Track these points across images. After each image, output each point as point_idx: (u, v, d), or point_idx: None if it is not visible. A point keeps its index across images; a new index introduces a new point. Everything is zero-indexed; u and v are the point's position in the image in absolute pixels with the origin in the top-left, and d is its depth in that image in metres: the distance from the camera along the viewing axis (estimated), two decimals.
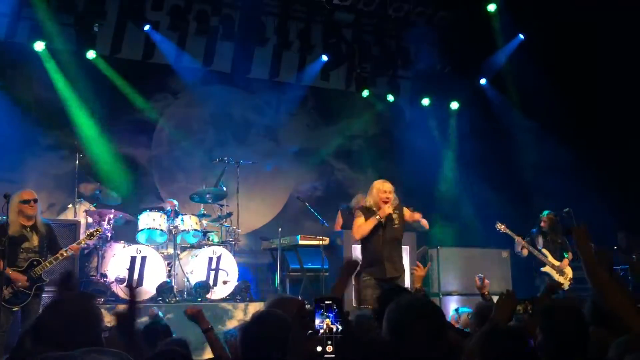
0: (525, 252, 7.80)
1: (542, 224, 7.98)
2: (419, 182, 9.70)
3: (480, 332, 2.56)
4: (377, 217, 5.74)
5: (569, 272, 7.76)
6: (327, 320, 2.33)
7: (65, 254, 5.89)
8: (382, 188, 5.86)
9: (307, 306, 3.18)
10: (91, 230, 6.37)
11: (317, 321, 2.31)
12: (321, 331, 2.31)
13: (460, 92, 10.83)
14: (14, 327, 5.59)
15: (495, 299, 4.27)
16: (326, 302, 2.35)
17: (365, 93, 10.72)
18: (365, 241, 5.87)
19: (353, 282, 5.85)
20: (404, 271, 6.09)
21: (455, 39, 10.16)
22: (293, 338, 2.55)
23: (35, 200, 5.87)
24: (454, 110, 11.05)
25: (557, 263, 7.78)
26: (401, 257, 6.01)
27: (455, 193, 10.06)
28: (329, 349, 2.26)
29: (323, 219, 8.32)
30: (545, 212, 8.02)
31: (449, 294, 8.53)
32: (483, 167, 9.91)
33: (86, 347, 2.08)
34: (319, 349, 2.26)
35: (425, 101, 11.07)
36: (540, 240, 7.92)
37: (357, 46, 10.58)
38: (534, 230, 8.05)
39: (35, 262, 5.81)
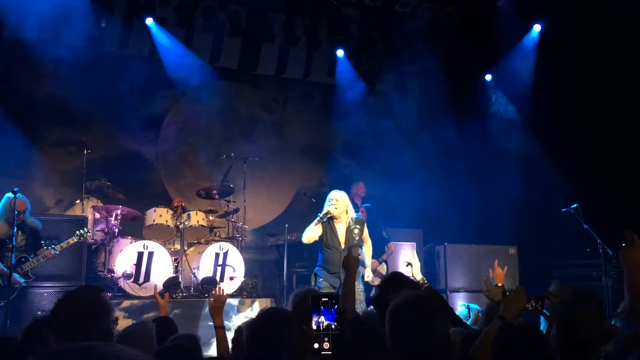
0: None
1: None
2: (427, 178, 9.68)
3: (489, 328, 2.56)
4: (319, 218, 6.05)
5: None
6: (324, 317, 2.34)
7: (48, 255, 6.13)
8: (331, 196, 6.18)
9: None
10: (70, 240, 6.41)
11: (314, 318, 2.32)
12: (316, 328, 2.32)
13: (466, 87, 10.78)
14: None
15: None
16: (323, 299, 2.36)
17: (372, 89, 10.69)
18: (323, 248, 6.15)
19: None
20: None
21: (462, 34, 10.11)
22: (291, 335, 2.56)
23: (24, 211, 6.05)
24: (462, 105, 11.00)
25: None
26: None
27: (463, 188, 10.02)
28: (326, 345, 2.27)
29: None
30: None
31: (456, 290, 8.52)
32: (490, 162, 9.88)
33: (97, 338, 2.10)
34: (316, 345, 2.26)
35: (433, 97, 11.03)
36: None
37: (364, 42, 10.56)
38: None
39: (23, 259, 5.94)
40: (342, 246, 6.02)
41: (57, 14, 8.29)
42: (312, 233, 6.04)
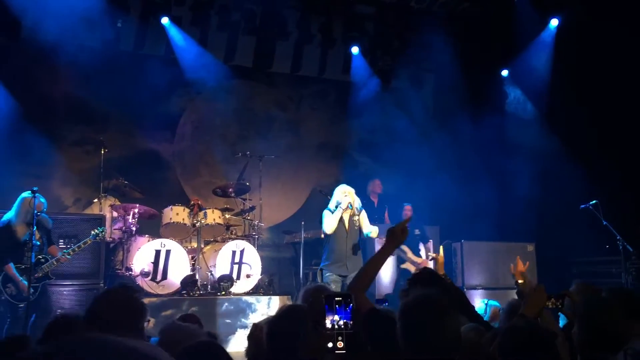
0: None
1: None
2: (443, 175, 9.63)
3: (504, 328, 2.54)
4: (340, 207, 6.69)
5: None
6: (338, 316, 2.34)
7: (62, 260, 6.07)
8: (342, 189, 6.87)
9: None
10: (86, 241, 6.38)
11: (329, 317, 2.32)
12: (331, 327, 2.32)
13: (483, 83, 10.70)
14: (20, 322, 5.71)
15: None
16: (337, 298, 2.35)
17: (388, 86, 10.66)
18: (329, 238, 6.78)
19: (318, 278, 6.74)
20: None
21: (478, 29, 10.03)
22: (305, 333, 2.56)
23: (42, 211, 6.04)
24: (478, 101, 10.93)
25: (416, 259, 7.82)
26: (357, 254, 6.82)
27: (479, 185, 9.95)
28: (340, 344, 2.27)
29: None
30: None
31: (473, 287, 8.47)
32: (507, 158, 9.81)
33: (130, 336, 2.12)
34: (330, 345, 2.26)
35: (448, 93, 10.97)
36: None
37: (379, 39, 10.52)
38: None
39: (42, 260, 5.96)
40: (347, 233, 6.71)
41: (74, 15, 8.38)
42: (335, 222, 6.68)
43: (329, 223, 6.70)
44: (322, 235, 7.13)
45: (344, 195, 6.76)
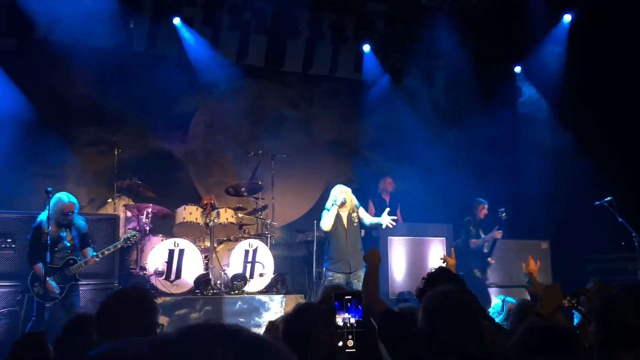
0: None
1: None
2: (456, 172, 9.59)
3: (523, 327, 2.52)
4: (335, 204, 6.90)
5: None
6: (348, 314, 2.34)
7: (90, 262, 6.14)
8: (338, 189, 7.08)
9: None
10: (111, 247, 6.48)
11: (340, 315, 2.32)
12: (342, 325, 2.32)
13: (495, 80, 10.64)
14: (44, 322, 5.77)
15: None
16: (346, 297, 2.35)
17: (400, 84, 10.63)
18: (329, 238, 7.01)
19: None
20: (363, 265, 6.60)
21: (490, 25, 9.97)
22: (316, 332, 2.56)
23: (74, 212, 6.11)
24: (491, 98, 10.86)
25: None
26: (359, 251, 6.95)
27: (492, 182, 9.90)
28: (350, 343, 2.27)
29: None
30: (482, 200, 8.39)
31: (488, 286, 8.42)
32: (520, 155, 9.76)
33: (142, 335, 2.13)
34: (340, 343, 2.26)
35: (461, 90, 10.92)
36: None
37: (391, 37, 10.49)
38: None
39: (71, 261, 6.00)
40: (346, 230, 6.92)
41: (87, 16, 8.44)
42: (331, 219, 6.90)
43: (325, 220, 6.95)
44: (322, 235, 7.39)
45: (340, 192, 7.00)
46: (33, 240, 5.98)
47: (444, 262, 4.10)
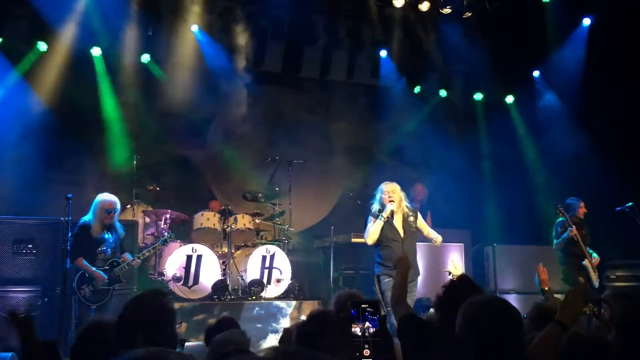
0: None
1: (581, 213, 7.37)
2: (473, 178, 9.55)
3: (546, 333, 2.50)
4: (382, 218, 5.92)
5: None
6: (364, 324, 2.34)
7: (133, 264, 6.24)
8: (385, 189, 6.09)
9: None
10: (150, 248, 6.66)
11: (357, 324, 2.32)
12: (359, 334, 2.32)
13: (514, 85, 10.57)
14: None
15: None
16: (362, 306, 2.35)
17: (417, 89, 10.61)
18: (381, 244, 5.99)
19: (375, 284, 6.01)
20: (419, 274, 6.24)
21: (508, 30, 9.90)
22: (333, 340, 2.55)
23: (115, 210, 6.14)
24: (509, 104, 10.79)
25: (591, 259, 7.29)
26: (415, 260, 6.14)
27: (511, 187, 9.82)
28: (367, 353, 2.27)
29: None
30: (577, 200, 7.45)
31: (506, 292, 8.34)
32: (538, 160, 9.67)
33: (162, 343, 2.14)
34: (357, 354, 2.26)
35: (478, 96, 10.87)
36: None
37: (407, 42, 10.46)
38: (563, 219, 7.33)
39: (115, 263, 6.05)
40: (402, 236, 5.99)
41: (106, 23, 8.55)
42: (376, 232, 5.95)
43: (370, 233, 5.99)
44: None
45: (388, 197, 6.00)
46: (76, 238, 6.01)
47: (449, 275, 4.07)
